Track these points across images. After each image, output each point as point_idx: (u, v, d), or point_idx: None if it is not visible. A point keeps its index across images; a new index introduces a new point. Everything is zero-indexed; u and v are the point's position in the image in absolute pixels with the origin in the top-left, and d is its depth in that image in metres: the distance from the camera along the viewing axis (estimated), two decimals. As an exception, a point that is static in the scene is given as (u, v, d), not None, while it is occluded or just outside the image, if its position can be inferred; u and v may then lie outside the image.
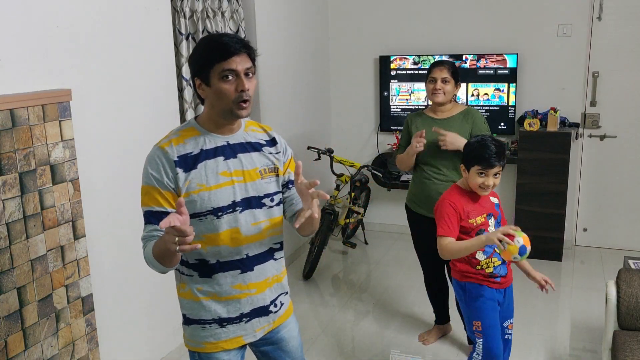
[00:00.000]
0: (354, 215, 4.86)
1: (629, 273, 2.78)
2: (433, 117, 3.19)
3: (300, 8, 4.71)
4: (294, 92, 4.68)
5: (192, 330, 1.85)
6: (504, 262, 2.53)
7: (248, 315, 1.85)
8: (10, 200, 2.20)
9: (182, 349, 3.38)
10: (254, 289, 1.84)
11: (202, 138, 1.76)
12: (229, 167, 1.77)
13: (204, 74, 1.71)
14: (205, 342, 1.84)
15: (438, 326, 3.51)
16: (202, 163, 1.74)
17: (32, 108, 2.26)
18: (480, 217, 2.52)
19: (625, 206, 4.76)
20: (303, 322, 3.53)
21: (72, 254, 2.49)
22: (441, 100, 3.10)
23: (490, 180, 2.44)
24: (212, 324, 1.82)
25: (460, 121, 3.13)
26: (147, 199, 1.73)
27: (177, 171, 1.71)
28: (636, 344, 2.54)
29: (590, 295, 4.02)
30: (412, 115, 3.33)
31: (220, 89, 1.69)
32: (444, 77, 3.07)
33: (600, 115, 4.71)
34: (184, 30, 3.23)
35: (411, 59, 4.98)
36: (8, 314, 2.22)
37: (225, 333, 1.84)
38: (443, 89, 3.08)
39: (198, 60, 1.73)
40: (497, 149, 2.44)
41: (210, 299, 1.81)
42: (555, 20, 4.62)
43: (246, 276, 1.82)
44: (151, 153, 1.76)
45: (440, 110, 3.17)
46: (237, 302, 1.82)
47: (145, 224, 1.75)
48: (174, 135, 1.77)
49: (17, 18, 2.26)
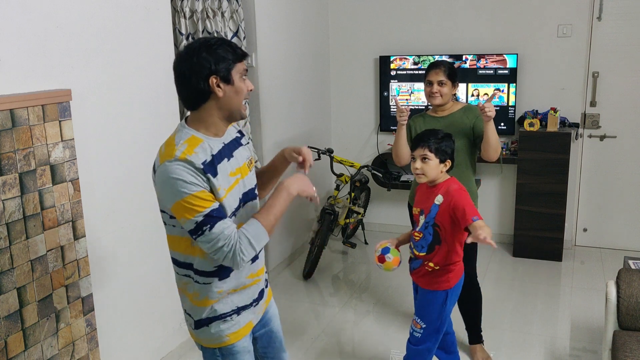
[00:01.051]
0: (354, 215, 4.86)
1: (629, 273, 2.78)
2: (434, 116, 3.20)
3: (300, 8, 4.71)
4: (294, 92, 4.68)
5: (213, 328, 1.89)
6: (416, 257, 2.64)
7: (257, 300, 1.97)
8: (10, 201, 2.20)
9: (182, 349, 3.38)
10: (259, 275, 1.98)
11: (206, 144, 1.77)
12: (232, 167, 1.82)
13: (226, 72, 1.73)
14: (228, 334, 1.90)
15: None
16: (219, 166, 1.77)
17: (32, 108, 2.26)
18: (416, 209, 2.65)
19: (625, 206, 4.76)
20: (303, 322, 3.53)
21: (72, 254, 2.49)
22: (438, 103, 3.11)
23: (417, 163, 2.53)
24: (232, 314, 1.90)
25: (460, 117, 3.12)
26: (199, 203, 1.68)
27: (207, 176, 1.72)
28: (636, 344, 2.54)
29: (590, 296, 4.02)
30: (414, 117, 3.31)
31: (240, 87, 1.76)
32: (440, 80, 3.07)
33: (600, 115, 4.71)
34: (184, 31, 3.23)
35: (411, 59, 4.98)
36: (8, 314, 2.22)
37: (243, 320, 1.93)
38: (440, 92, 3.08)
39: (222, 59, 1.73)
40: (430, 135, 2.53)
41: (229, 293, 1.88)
42: (555, 20, 4.62)
43: (254, 265, 1.93)
44: (174, 168, 1.68)
45: (441, 110, 3.17)
46: (249, 289, 1.93)
47: (213, 226, 1.69)
48: (182, 146, 1.73)
49: (17, 18, 2.26)
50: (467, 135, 3.08)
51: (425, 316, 2.64)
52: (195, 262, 1.82)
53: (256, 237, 1.74)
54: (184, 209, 1.68)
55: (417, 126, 3.19)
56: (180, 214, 1.70)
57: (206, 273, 1.83)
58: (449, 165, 2.56)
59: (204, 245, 1.72)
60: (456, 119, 3.13)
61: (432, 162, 2.51)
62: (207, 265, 1.82)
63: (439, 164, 2.53)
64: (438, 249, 2.55)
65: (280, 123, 4.39)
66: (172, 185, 1.68)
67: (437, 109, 3.18)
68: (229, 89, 1.74)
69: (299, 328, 3.64)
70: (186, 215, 1.69)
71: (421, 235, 2.59)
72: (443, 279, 2.59)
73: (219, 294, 1.85)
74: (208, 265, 1.82)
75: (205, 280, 1.83)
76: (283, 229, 4.58)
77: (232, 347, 1.91)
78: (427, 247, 2.57)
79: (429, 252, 2.57)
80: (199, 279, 1.84)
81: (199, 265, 1.82)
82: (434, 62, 3.17)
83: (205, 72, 1.72)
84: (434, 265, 2.58)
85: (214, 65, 1.72)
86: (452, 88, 3.12)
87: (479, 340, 3.29)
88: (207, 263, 1.81)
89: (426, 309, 2.64)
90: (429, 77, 3.11)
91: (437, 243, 2.55)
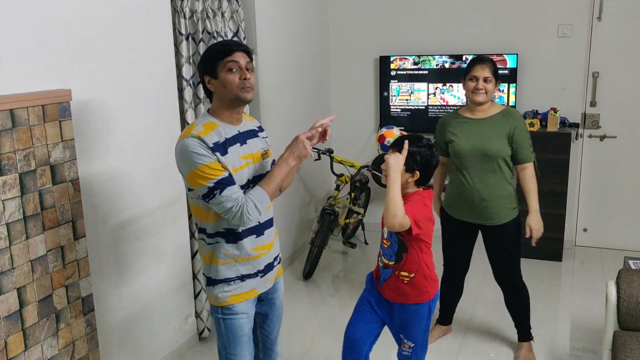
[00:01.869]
0: (354, 215, 4.86)
1: (629, 273, 2.78)
2: (470, 117, 3.05)
3: (300, 8, 4.71)
4: (294, 92, 4.68)
5: (218, 289, 2.19)
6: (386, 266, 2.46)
7: (263, 271, 2.24)
8: (11, 201, 2.19)
9: (182, 349, 3.38)
10: (265, 250, 2.24)
11: (221, 129, 2.10)
12: (244, 151, 2.15)
13: (212, 70, 2.08)
14: (230, 295, 2.19)
15: (440, 326, 3.50)
16: (230, 148, 2.09)
17: (32, 108, 2.25)
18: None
19: (625, 206, 4.76)
20: (303, 322, 3.53)
21: (72, 254, 2.49)
22: (482, 100, 2.98)
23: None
24: (236, 280, 2.19)
25: (500, 121, 3.00)
26: (211, 172, 2.00)
27: (216, 155, 2.03)
28: (636, 345, 2.54)
29: (591, 296, 4.02)
30: (447, 116, 3.16)
31: (226, 78, 2.06)
32: (486, 76, 2.94)
33: (600, 115, 4.71)
34: (184, 31, 3.23)
35: (411, 59, 4.98)
36: (8, 314, 2.21)
37: (247, 286, 2.21)
38: (485, 88, 2.95)
39: (206, 60, 2.10)
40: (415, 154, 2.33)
41: (234, 260, 2.17)
42: (555, 20, 4.62)
43: (260, 239, 2.21)
44: (188, 142, 2.02)
45: (479, 110, 3.04)
46: (254, 261, 2.21)
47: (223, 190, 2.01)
48: (200, 128, 2.06)
49: (17, 18, 2.26)
50: (505, 140, 2.99)
51: (411, 334, 2.49)
52: (208, 227, 2.16)
53: (260, 200, 2.07)
54: (198, 176, 2.01)
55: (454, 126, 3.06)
56: (194, 182, 2.03)
57: (212, 235, 2.15)
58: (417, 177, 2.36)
59: (216, 207, 2.04)
60: (497, 123, 3.00)
61: None
62: (216, 228, 2.14)
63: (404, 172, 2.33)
64: (406, 256, 2.41)
65: (280, 123, 4.39)
66: (187, 157, 2.02)
67: (475, 109, 3.05)
68: (217, 83, 2.09)
69: (299, 328, 3.64)
70: (200, 181, 2.01)
71: (389, 242, 2.46)
72: (422, 289, 2.44)
73: (225, 255, 2.15)
74: (218, 226, 2.13)
75: (213, 240, 2.15)
76: (283, 229, 4.58)
77: (232, 307, 2.20)
78: (395, 256, 2.43)
79: (397, 260, 2.43)
80: (209, 240, 2.17)
81: (210, 229, 2.15)
82: (479, 57, 3.03)
83: (202, 73, 2.14)
84: (408, 273, 2.42)
85: (205, 66, 2.11)
86: (495, 86, 3.01)
87: (528, 338, 3.28)
88: (216, 226, 2.13)
89: (411, 325, 2.48)
90: (473, 72, 2.97)
91: (404, 251, 2.40)
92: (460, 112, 3.13)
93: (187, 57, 3.26)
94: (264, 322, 2.42)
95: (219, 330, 2.25)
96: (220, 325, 2.23)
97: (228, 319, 2.21)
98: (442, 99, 4.97)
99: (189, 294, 3.45)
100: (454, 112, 3.17)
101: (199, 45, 3.35)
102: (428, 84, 4.99)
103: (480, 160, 3.00)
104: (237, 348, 2.25)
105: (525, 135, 3.02)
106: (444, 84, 4.94)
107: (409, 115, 5.11)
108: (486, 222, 3.10)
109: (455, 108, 3.14)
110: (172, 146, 3.24)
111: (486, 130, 2.99)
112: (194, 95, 3.39)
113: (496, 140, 2.98)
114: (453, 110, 3.21)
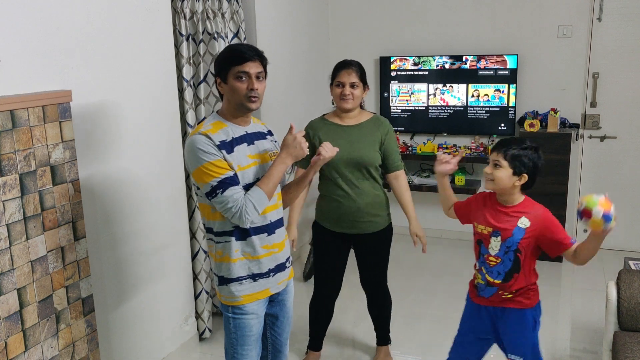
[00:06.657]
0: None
1: (629, 274, 2.78)
2: (340, 123, 2.93)
3: (300, 9, 4.71)
4: (294, 93, 4.68)
5: (231, 288, 2.20)
6: (489, 284, 2.34)
7: (273, 271, 2.26)
8: (11, 201, 2.19)
9: (182, 349, 3.38)
10: (276, 248, 2.26)
11: (229, 128, 2.16)
12: (251, 151, 2.19)
13: (223, 74, 2.14)
14: (243, 295, 2.21)
15: (312, 352, 3.31)
16: (237, 147, 2.13)
17: (33, 109, 2.25)
18: (486, 228, 2.33)
19: (625, 207, 4.75)
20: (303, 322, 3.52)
21: (73, 254, 2.49)
22: (350, 107, 2.86)
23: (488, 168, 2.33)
24: (247, 279, 2.21)
25: (371, 128, 2.91)
26: (215, 170, 2.05)
27: (222, 152, 2.08)
28: (637, 345, 2.54)
29: (591, 296, 4.02)
30: (315, 122, 3.01)
31: (234, 86, 2.12)
32: (352, 82, 2.82)
33: (600, 116, 4.71)
34: (184, 31, 3.23)
35: (411, 60, 4.98)
36: (8, 315, 2.21)
37: (259, 285, 2.23)
38: (352, 94, 2.83)
39: (220, 63, 2.16)
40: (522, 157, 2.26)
41: (245, 258, 2.19)
42: (555, 21, 4.62)
43: (271, 238, 2.23)
44: (195, 139, 2.08)
45: (347, 116, 2.92)
46: (265, 260, 2.22)
47: (225, 190, 2.05)
48: (208, 126, 2.13)
49: (17, 19, 2.26)
50: (377, 147, 2.91)
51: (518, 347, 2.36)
52: (215, 225, 2.18)
53: (258, 201, 2.10)
54: (202, 173, 2.06)
55: (323, 133, 2.92)
56: (199, 179, 2.08)
57: (222, 233, 2.17)
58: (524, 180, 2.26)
59: (217, 206, 2.08)
60: (367, 130, 2.90)
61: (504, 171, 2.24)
62: (223, 227, 2.16)
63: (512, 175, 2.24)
64: (516, 277, 2.28)
65: (280, 124, 4.38)
66: (194, 153, 2.07)
67: (344, 115, 2.92)
68: (226, 87, 2.15)
69: (299, 328, 3.63)
70: (204, 179, 2.06)
71: (499, 260, 2.29)
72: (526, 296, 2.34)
73: (235, 252, 2.17)
74: (224, 227, 2.16)
75: (224, 239, 2.18)
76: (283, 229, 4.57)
77: (243, 307, 2.22)
78: (505, 275, 2.29)
79: (506, 280, 2.29)
80: (217, 239, 2.19)
81: (218, 228, 2.18)
82: (345, 62, 2.90)
83: (215, 75, 2.21)
84: (511, 293, 2.32)
85: (217, 68, 2.18)
86: (363, 91, 2.90)
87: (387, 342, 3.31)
88: (224, 225, 2.16)
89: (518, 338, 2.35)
90: (339, 78, 2.85)
91: (516, 271, 2.28)
92: (328, 117, 3.00)
93: (187, 58, 3.27)
94: (274, 324, 2.42)
95: (228, 329, 2.27)
96: (230, 323, 2.25)
97: (238, 318, 2.23)
98: (442, 99, 4.97)
99: (190, 294, 3.44)
100: (321, 118, 3.03)
101: (199, 46, 3.35)
102: (428, 84, 4.99)
103: (355, 169, 2.88)
104: (244, 347, 2.26)
105: (395, 142, 2.97)
106: (444, 84, 4.94)
107: (409, 116, 5.11)
108: (363, 230, 2.96)
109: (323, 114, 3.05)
110: (172, 147, 3.25)
111: (357, 137, 2.88)
112: (194, 96, 3.39)
113: (369, 147, 2.89)
114: (320, 116, 3.06)
